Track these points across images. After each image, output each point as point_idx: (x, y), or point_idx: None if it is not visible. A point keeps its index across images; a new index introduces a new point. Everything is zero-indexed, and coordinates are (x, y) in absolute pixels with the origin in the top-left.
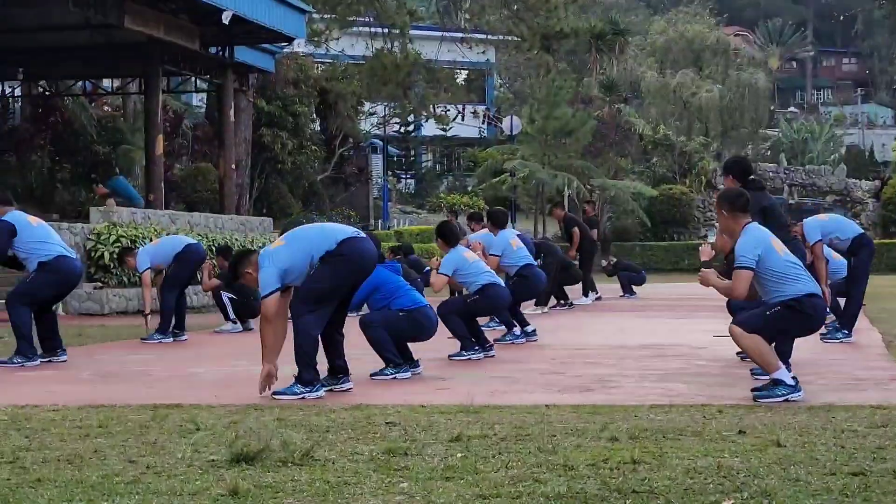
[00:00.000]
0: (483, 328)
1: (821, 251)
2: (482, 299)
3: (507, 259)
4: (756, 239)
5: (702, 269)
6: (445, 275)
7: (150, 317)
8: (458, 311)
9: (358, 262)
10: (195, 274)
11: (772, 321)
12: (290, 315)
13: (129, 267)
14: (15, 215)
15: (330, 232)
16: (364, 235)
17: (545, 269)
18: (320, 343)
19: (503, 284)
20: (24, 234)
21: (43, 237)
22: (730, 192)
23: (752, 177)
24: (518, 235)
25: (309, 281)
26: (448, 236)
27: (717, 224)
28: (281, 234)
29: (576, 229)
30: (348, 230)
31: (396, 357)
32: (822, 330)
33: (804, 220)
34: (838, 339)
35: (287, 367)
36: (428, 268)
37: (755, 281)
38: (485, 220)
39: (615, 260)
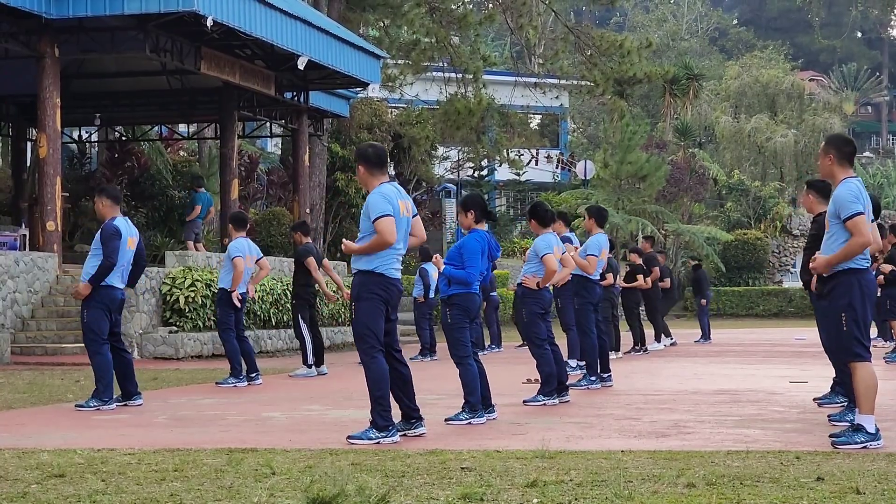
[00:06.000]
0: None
1: None
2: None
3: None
4: (858, 192)
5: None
6: (548, 253)
7: (235, 293)
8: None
9: (382, 294)
10: (240, 314)
11: (858, 314)
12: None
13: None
14: (122, 223)
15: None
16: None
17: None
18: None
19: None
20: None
21: (123, 260)
22: (840, 136)
23: None
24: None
25: (355, 322)
26: (542, 216)
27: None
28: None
29: (656, 269)
30: (393, 265)
31: (478, 402)
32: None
33: None
34: None
35: (361, 412)
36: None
37: (826, 240)
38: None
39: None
